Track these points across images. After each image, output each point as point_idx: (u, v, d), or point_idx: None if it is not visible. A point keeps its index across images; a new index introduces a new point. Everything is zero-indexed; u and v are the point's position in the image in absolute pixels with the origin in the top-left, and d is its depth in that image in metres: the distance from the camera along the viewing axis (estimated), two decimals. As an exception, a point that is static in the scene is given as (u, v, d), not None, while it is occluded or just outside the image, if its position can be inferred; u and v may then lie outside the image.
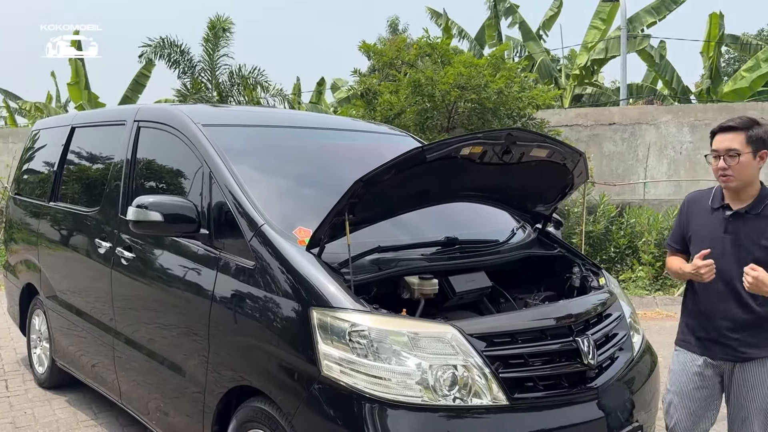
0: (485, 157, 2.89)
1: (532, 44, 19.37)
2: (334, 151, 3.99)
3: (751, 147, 2.72)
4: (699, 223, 2.94)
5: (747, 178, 2.76)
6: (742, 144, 2.71)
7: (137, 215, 3.12)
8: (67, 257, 4.61)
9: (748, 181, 2.76)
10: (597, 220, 9.97)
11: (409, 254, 3.03)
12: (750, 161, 2.73)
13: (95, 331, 4.12)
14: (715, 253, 2.79)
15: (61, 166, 4.97)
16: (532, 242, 3.60)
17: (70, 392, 5.04)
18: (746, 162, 2.72)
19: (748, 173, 2.74)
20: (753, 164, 2.75)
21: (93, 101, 21.18)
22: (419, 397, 2.39)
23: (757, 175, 2.79)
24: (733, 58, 28.26)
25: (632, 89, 19.62)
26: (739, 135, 2.73)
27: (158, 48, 12.74)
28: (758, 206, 2.77)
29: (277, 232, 2.87)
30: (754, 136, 2.72)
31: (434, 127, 10.12)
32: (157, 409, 3.54)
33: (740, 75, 17.29)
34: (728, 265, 2.78)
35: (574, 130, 12.10)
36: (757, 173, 2.79)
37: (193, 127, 3.50)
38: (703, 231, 2.90)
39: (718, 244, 2.81)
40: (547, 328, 2.76)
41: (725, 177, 2.77)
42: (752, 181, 2.78)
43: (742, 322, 2.79)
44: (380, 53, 11.98)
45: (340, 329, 2.49)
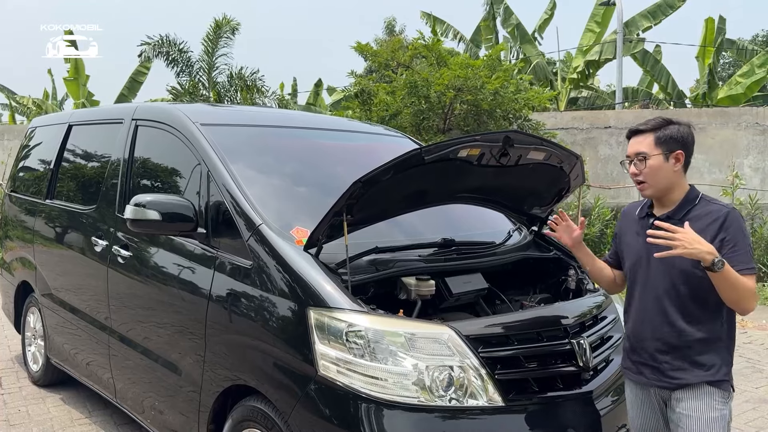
0: (483, 159, 2.90)
1: (528, 47, 19.43)
2: (332, 152, 4.00)
3: (661, 148, 2.44)
4: (628, 236, 2.64)
5: (661, 182, 2.46)
6: (650, 146, 2.45)
7: (135, 214, 3.12)
8: (62, 255, 4.61)
9: (663, 186, 2.46)
10: (592, 223, 10.01)
11: (406, 255, 3.05)
12: (661, 164, 2.44)
13: (90, 329, 4.12)
14: (641, 266, 2.53)
15: (58, 164, 4.96)
16: (528, 244, 3.62)
17: (64, 390, 5.03)
18: (656, 165, 2.44)
19: (660, 177, 2.45)
20: (666, 167, 2.44)
21: (88, 99, 21.17)
22: (415, 397, 2.40)
23: (676, 179, 2.47)
24: (728, 62, 28.39)
25: (628, 93, 19.70)
26: (648, 137, 2.47)
27: (157, 46, 12.72)
28: (680, 211, 2.46)
29: (274, 231, 2.88)
30: (663, 136, 2.45)
31: (430, 128, 10.15)
32: (152, 407, 3.54)
33: (735, 80, 17.38)
34: (654, 279, 2.48)
35: (569, 133, 12.14)
36: (676, 176, 2.46)
37: (191, 126, 3.50)
38: (631, 244, 2.61)
39: (643, 255, 2.52)
40: (543, 329, 2.78)
41: (638, 184, 2.51)
42: (671, 186, 2.47)
43: (671, 343, 2.44)
44: (375, 54, 12.00)
45: (337, 329, 2.50)
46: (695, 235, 2.27)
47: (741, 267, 2.30)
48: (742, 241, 2.35)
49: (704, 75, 18.69)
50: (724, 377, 2.40)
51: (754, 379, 5.63)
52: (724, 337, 2.43)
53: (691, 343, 2.40)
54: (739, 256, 2.33)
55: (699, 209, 2.43)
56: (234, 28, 13.04)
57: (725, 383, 2.41)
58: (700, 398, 2.40)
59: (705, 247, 2.24)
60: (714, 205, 2.43)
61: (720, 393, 2.40)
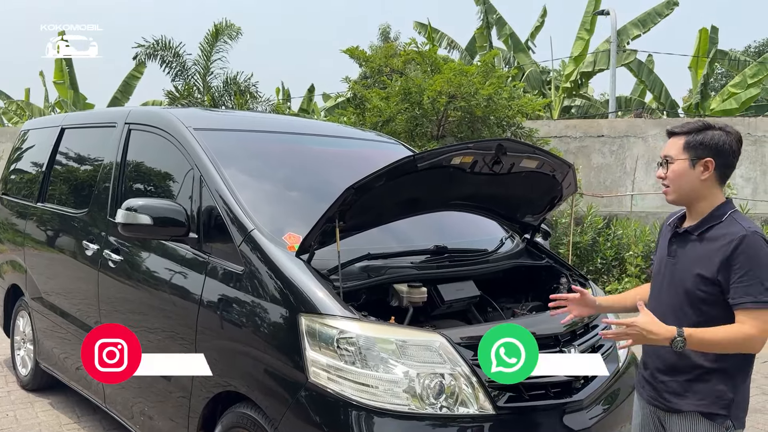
0: (476, 167, 2.91)
1: (522, 56, 19.51)
2: (325, 158, 3.99)
3: (688, 153, 2.25)
4: (659, 245, 2.50)
5: (684, 190, 2.28)
6: (678, 150, 2.27)
7: (126, 218, 3.10)
8: (53, 259, 4.58)
9: (686, 193, 2.29)
10: (584, 231, 10.03)
11: (398, 262, 3.05)
12: (685, 170, 2.25)
13: (80, 334, 4.09)
14: (657, 278, 2.42)
15: (50, 167, 4.94)
16: (521, 252, 3.62)
17: (53, 395, 4.99)
18: (680, 171, 2.26)
19: (683, 184, 2.27)
20: (691, 174, 2.25)
21: (81, 102, 21.10)
22: (406, 405, 2.39)
23: (704, 189, 2.27)
24: (721, 73, 28.58)
25: (621, 102, 19.80)
26: (680, 140, 2.28)
27: (151, 49, 12.69)
28: (703, 225, 2.26)
29: (266, 237, 2.87)
30: (694, 141, 2.25)
31: (424, 135, 10.16)
32: (141, 413, 3.52)
33: (728, 91, 17.49)
34: (665, 294, 2.35)
35: (563, 141, 12.19)
36: (704, 186, 2.26)
37: (184, 130, 3.50)
38: (658, 253, 2.49)
39: (661, 266, 2.40)
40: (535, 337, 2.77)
41: (664, 188, 2.35)
42: (696, 196, 2.28)
43: (671, 364, 2.31)
44: (367, 59, 12.01)
45: (329, 336, 2.49)
46: (648, 321, 2.14)
47: (743, 300, 2.12)
48: (754, 271, 2.12)
49: (697, 85, 18.81)
50: (721, 410, 2.22)
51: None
52: (729, 368, 2.23)
53: (691, 368, 2.26)
54: (747, 288, 2.12)
55: (721, 228, 2.22)
56: (236, 32, 13.03)
57: (721, 417, 2.23)
58: (690, 427, 2.27)
59: (661, 334, 2.12)
60: (736, 226, 2.20)
61: (713, 426, 2.24)
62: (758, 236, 2.17)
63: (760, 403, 5.24)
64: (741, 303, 2.12)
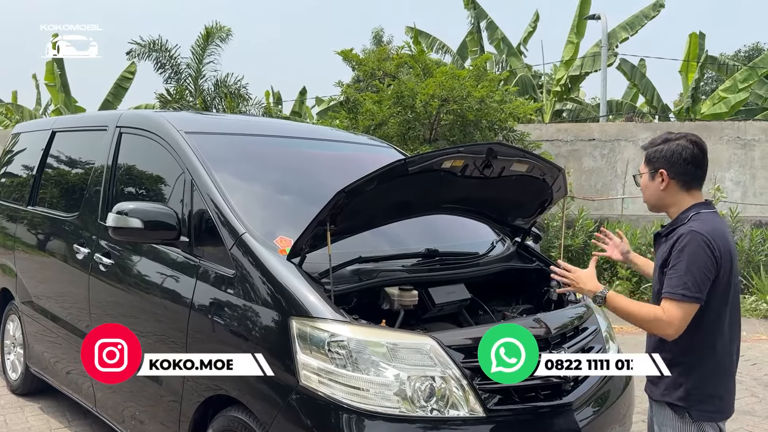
0: (466, 171, 2.92)
1: (514, 60, 19.56)
2: (317, 161, 4.00)
3: (648, 167, 2.50)
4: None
5: (652, 200, 2.53)
6: (642, 164, 2.54)
7: (117, 221, 3.10)
8: (44, 262, 4.56)
9: (655, 203, 2.53)
10: (576, 234, 10.07)
11: (389, 265, 3.06)
12: (647, 182, 2.52)
13: (71, 338, 4.08)
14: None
15: (41, 170, 4.92)
16: (511, 255, 3.64)
17: (43, 399, 4.97)
18: (645, 183, 2.53)
19: (649, 195, 2.52)
20: (652, 185, 2.50)
21: (72, 105, 21.00)
22: (397, 408, 2.40)
23: (667, 197, 2.48)
24: (711, 77, 28.74)
25: (612, 106, 19.87)
26: (644, 155, 2.55)
27: (146, 49, 12.62)
28: (669, 227, 2.49)
29: (258, 240, 2.88)
30: (651, 155, 2.49)
31: (416, 138, 10.18)
32: (132, 417, 3.51)
33: (718, 95, 17.60)
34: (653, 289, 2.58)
35: (554, 145, 12.24)
36: (666, 195, 2.48)
37: (175, 134, 3.50)
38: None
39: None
40: None
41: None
42: (663, 204, 2.51)
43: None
44: (360, 62, 12.03)
45: (320, 339, 2.49)
46: (584, 274, 2.54)
47: (666, 290, 2.33)
48: (678, 265, 2.32)
49: (688, 89, 18.91)
50: (678, 402, 2.41)
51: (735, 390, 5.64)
52: (689, 362, 2.41)
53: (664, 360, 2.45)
54: (669, 279, 2.34)
55: (680, 229, 2.41)
56: (226, 34, 13.00)
57: (680, 408, 2.41)
58: (660, 415, 2.50)
59: (588, 286, 2.50)
60: (685, 226, 2.39)
61: (675, 416, 2.43)
62: (696, 235, 2.33)
63: (749, 404, 5.28)
64: (663, 292, 2.35)
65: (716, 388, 2.43)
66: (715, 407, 2.43)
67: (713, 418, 2.42)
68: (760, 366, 6.56)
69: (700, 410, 2.41)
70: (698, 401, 2.40)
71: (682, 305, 2.29)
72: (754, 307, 8.91)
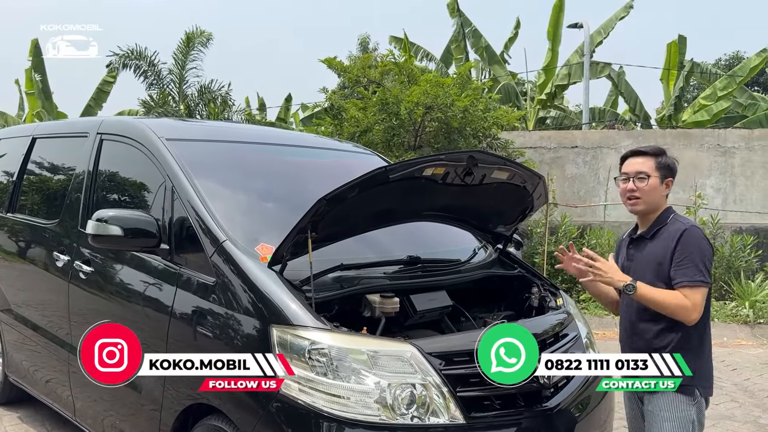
0: (447, 178, 2.94)
1: (497, 68, 19.65)
2: (299, 168, 4.00)
3: (659, 173, 2.77)
4: (620, 256, 2.96)
5: (653, 201, 2.78)
6: (651, 168, 2.76)
7: (96, 229, 3.08)
8: (23, 270, 4.52)
9: (654, 205, 2.79)
10: (559, 240, 10.13)
11: (371, 272, 3.06)
12: (656, 186, 2.77)
13: (51, 346, 4.03)
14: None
15: (21, 177, 4.87)
16: (493, 262, 3.65)
17: (22, 408, 4.90)
18: (653, 185, 2.76)
19: (654, 197, 2.77)
20: (660, 190, 2.78)
21: (54, 110, 20.79)
22: (377, 415, 2.40)
23: (662, 201, 2.82)
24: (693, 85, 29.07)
25: (594, 113, 20.02)
26: (649, 160, 2.78)
27: (125, 58, 12.57)
28: (653, 229, 2.78)
29: (239, 248, 2.87)
30: (662, 162, 2.78)
31: (401, 145, 10.21)
32: (112, 426, 3.48)
33: (699, 103, 17.80)
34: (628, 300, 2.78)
35: (537, 152, 12.31)
36: (663, 199, 2.82)
37: (156, 140, 3.48)
38: (620, 264, 2.88)
39: (625, 271, 2.77)
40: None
41: (633, 200, 2.79)
42: (657, 206, 2.80)
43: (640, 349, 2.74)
44: (345, 69, 12.04)
45: (300, 347, 2.49)
46: (611, 266, 2.69)
47: (681, 280, 2.61)
48: (690, 256, 2.63)
49: (670, 97, 19.09)
50: (689, 382, 2.63)
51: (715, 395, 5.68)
52: (695, 342, 2.68)
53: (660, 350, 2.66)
54: (684, 269, 2.62)
55: (668, 227, 2.75)
56: (207, 39, 12.98)
57: (689, 388, 2.65)
58: (664, 397, 2.66)
59: (617, 276, 2.64)
60: (678, 224, 2.73)
61: (680, 398, 2.64)
62: (696, 230, 2.71)
63: (729, 409, 5.33)
64: (679, 282, 2.61)
65: (709, 363, 2.77)
66: (709, 382, 2.75)
67: (709, 393, 2.75)
68: (740, 371, 6.63)
69: (704, 386, 2.71)
70: (702, 377, 2.69)
71: (702, 290, 2.60)
72: (735, 313, 8.99)
